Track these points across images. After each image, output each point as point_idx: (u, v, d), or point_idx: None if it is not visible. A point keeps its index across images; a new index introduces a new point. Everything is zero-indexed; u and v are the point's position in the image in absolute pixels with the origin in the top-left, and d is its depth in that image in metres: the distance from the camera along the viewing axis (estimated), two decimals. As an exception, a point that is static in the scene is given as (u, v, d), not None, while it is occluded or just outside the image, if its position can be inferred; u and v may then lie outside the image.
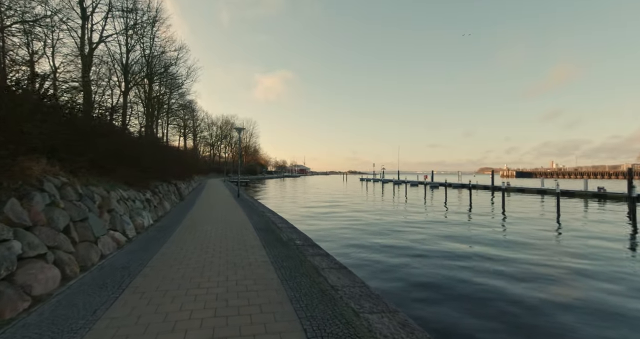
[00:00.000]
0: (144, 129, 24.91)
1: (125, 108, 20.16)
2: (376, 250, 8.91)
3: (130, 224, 6.16)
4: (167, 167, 14.25)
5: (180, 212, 10.30)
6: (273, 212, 11.14)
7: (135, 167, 8.58)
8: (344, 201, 24.62)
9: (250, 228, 7.67)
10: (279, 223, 8.56)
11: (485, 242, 10.05)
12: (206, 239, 6.28)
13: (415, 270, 7.17)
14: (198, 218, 9.09)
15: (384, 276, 6.77)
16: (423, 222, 13.96)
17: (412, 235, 11.12)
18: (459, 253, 8.69)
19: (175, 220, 8.66)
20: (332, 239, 10.25)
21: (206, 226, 7.81)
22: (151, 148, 11.69)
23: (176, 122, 47.62)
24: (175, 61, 23.32)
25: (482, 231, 11.89)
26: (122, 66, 19.57)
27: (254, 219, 9.15)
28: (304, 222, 13.81)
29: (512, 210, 18.31)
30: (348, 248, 9.14)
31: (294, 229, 7.77)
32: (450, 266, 7.50)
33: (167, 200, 10.89)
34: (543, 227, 12.79)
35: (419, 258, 8.11)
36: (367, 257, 8.20)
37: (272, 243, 6.06)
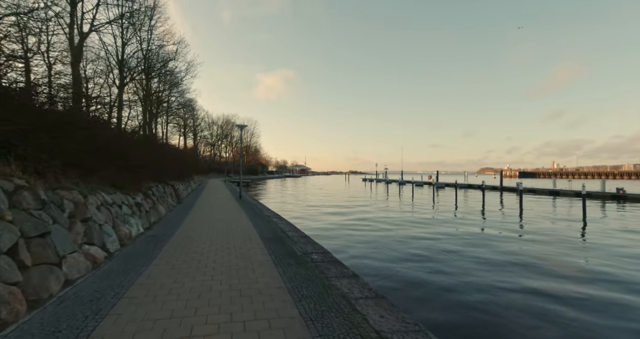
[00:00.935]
0: (141, 127, 23.91)
1: (121, 104, 19.13)
2: (406, 266, 7.59)
3: (112, 236, 5.09)
4: (164, 167, 13.20)
5: (176, 218, 9.23)
6: (280, 217, 10.07)
7: (124, 166, 7.52)
8: (352, 202, 23.54)
9: (256, 238, 6.60)
10: (288, 231, 7.49)
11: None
12: (204, 253, 5.21)
13: (477, 298, 5.57)
14: (196, 224, 8.03)
15: (433, 305, 5.36)
16: (455, 233, 12.82)
17: (444, 244, 9.98)
18: (540, 289, 6.04)
19: (169, 227, 7.59)
20: (351, 251, 9.02)
21: (205, 235, 6.73)
22: (145, 145, 10.62)
23: (176, 122, 46.69)
24: (174, 56, 22.27)
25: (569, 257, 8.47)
26: (118, 61, 18.52)
27: (259, 226, 8.08)
28: (315, 227, 12.70)
29: (542, 216, 16.75)
30: (373, 263, 7.83)
31: (307, 239, 6.69)
32: (528, 304, 5.39)
33: (162, 203, 9.83)
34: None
35: (473, 282, 6.56)
36: (399, 275, 6.87)
37: (284, 259, 4.98)
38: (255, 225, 8.28)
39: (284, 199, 26.83)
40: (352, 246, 9.55)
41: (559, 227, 12.94)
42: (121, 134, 7.75)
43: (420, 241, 10.27)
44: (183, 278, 3.97)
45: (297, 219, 14.51)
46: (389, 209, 19.53)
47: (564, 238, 10.81)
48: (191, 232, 7.01)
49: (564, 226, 13.25)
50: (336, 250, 8.41)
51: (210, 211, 11.02)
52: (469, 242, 10.13)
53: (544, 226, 13.29)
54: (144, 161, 9.15)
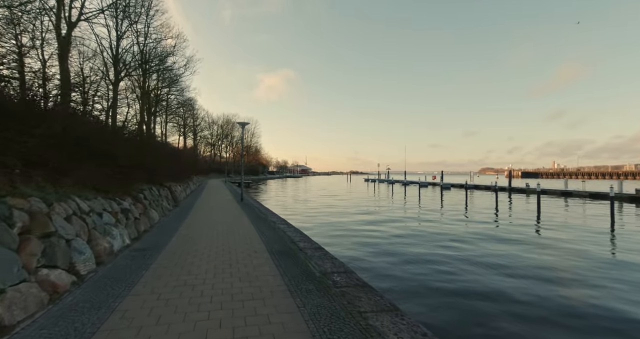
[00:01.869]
0: (138, 126, 22.92)
1: (116, 101, 18.15)
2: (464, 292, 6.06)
3: (85, 253, 4.08)
4: (160, 167, 12.19)
5: (170, 224, 8.21)
6: (287, 223, 9.05)
7: (111, 166, 6.51)
8: (361, 206, 22.53)
9: (263, 250, 5.58)
10: (299, 241, 6.47)
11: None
12: (200, 274, 4.19)
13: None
14: (193, 233, 7.01)
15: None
16: (484, 235, 11.77)
17: (479, 254, 8.93)
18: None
19: (162, 237, 6.57)
20: (376, 266, 7.67)
21: (202, 247, 5.72)
22: (138, 143, 9.59)
23: (175, 121, 45.76)
24: (172, 50, 21.23)
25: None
26: (112, 55, 17.52)
27: (265, 235, 7.06)
28: (327, 235, 11.52)
29: (578, 221, 15.25)
30: (407, 285, 6.41)
31: (322, 252, 5.67)
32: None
33: (155, 208, 8.82)
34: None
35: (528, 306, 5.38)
36: (457, 307, 5.45)
37: (300, 282, 3.97)
38: (260, 233, 7.26)
39: (288, 201, 25.69)
40: (375, 261, 8.22)
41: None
42: (104, 128, 6.71)
43: (465, 261, 8.13)
44: (169, 316, 2.94)
45: (303, 223, 13.50)
46: (403, 212, 18.49)
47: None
48: (186, 243, 5.99)
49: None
50: (361, 268, 7.33)
51: (210, 215, 10.01)
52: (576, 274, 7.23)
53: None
54: (135, 160, 8.14)
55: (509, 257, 8.43)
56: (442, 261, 8.05)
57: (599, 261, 8.18)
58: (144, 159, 9.39)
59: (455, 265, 7.74)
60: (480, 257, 8.41)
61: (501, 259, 8.25)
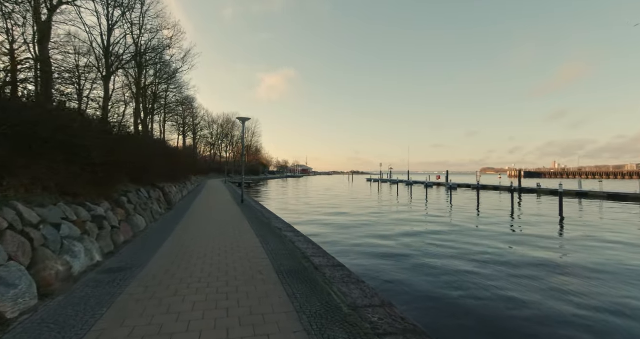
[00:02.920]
0: (134, 124, 21.75)
1: (107, 97, 16.97)
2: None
3: (19, 286, 2.88)
4: (151, 166, 11.01)
5: (158, 233, 7.01)
6: (294, 230, 7.84)
7: (78, 163, 5.32)
8: (371, 208, 21.31)
9: (269, 269, 4.38)
10: (312, 255, 5.27)
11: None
12: (184, 313, 2.98)
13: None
14: (184, 245, 5.81)
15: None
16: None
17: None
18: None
19: (143, 251, 5.36)
20: (419, 291, 5.96)
21: (191, 267, 4.51)
22: (118, 137, 8.37)
23: (175, 120, 44.66)
24: (170, 43, 20.00)
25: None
26: (103, 46, 16.35)
27: (270, 246, 5.86)
28: (342, 243, 9.90)
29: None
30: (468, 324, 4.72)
31: (344, 273, 4.46)
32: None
33: (142, 213, 7.62)
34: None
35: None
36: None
37: (323, 324, 2.76)
38: (265, 243, 6.07)
39: (292, 203, 24.14)
40: (412, 280, 6.46)
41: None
42: (69, 115, 5.49)
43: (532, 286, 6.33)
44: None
45: (313, 229, 12.23)
46: (422, 215, 17.27)
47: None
48: (172, 262, 4.79)
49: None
50: (397, 292, 5.83)
51: (206, 220, 8.82)
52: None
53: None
54: (116, 157, 6.95)
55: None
56: (499, 281, 6.42)
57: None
58: (131, 157, 8.20)
59: (524, 292, 5.85)
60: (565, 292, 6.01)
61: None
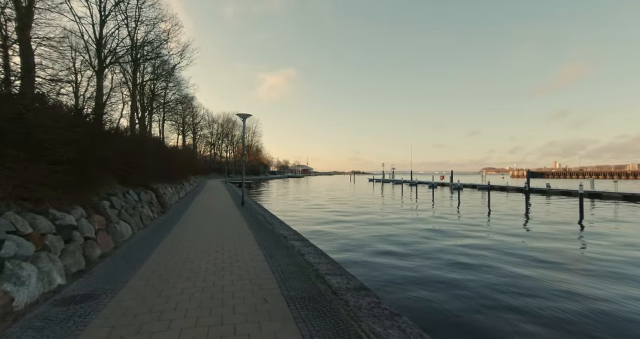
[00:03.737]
0: (130, 123, 20.85)
1: (101, 92, 16.05)
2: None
3: None
4: (144, 165, 10.07)
5: (145, 244, 6.06)
6: (303, 240, 6.88)
7: (44, 161, 4.38)
8: (384, 211, 20.33)
9: (277, 297, 3.43)
10: (327, 273, 4.31)
11: None
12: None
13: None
14: (172, 260, 4.86)
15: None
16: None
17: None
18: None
19: (121, 269, 4.41)
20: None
21: (176, 294, 3.55)
22: (98, 131, 7.39)
23: (174, 119, 43.77)
24: (167, 37, 19.01)
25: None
26: (95, 38, 15.43)
27: (276, 261, 4.91)
28: (361, 253, 8.38)
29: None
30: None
31: (372, 298, 3.50)
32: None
33: (128, 219, 6.67)
34: None
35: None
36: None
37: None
38: (269, 256, 5.12)
39: (296, 205, 22.36)
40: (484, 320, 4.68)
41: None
42: (22, 103, 4.52)
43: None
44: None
45: (321, 236, 11.05)
46: (443, 220, 16.28)
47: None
48: (153, 286, 3.83)
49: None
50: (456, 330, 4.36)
51: (201, 226, 7.88)
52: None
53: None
54: (92, 154, 6.01)
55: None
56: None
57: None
58: (118, 155, 7.26)
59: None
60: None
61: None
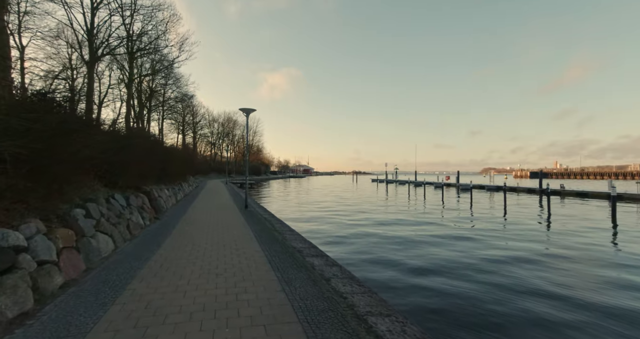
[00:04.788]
0: (125, 120, 19.68)
1: (92, 86, 14.88)
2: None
3: None
4: (135, 165, 8.90)
5: (127, 263, 4.86)
6: (321, 255, 5.67)
7: None
8: (407, 215, 19.11)
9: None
10: (370, 312, 3.13)
11: None
12: None
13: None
14: (157, 290, 3.66)
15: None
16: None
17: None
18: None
19: (83, 308, 3.23)
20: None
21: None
22: (69, 120, 6.17)
23: (174, 118, 42.65)
24: (165, 27, 17.80)
25: None
26: (86, 28, 14.26)
27: (296, 291, 3.71)
28: (394, 274, 6.88)
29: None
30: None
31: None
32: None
33: (110, 230, 5.48)
34: None
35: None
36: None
37: None
38: (287, 284, 3.93)
39: (303, 209, 19.76)
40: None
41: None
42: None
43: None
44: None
45: (342, 247, 9.55)
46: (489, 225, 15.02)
47: None
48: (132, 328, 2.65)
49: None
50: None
51: (199, 237, 6.69)
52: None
53: None
54: (74, 153, 4.82)
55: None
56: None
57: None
58: (98, 153, 6.08)
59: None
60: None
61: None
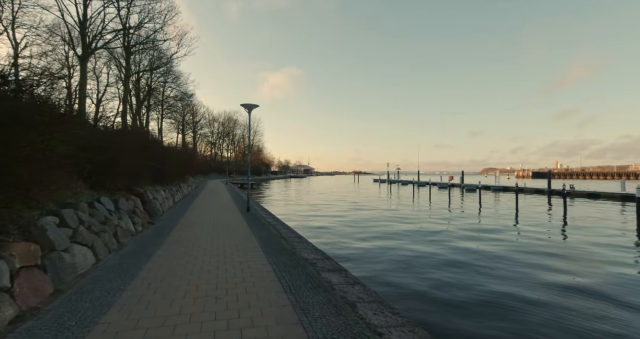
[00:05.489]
0: (121, 117, 18.87)
1: (85, 80, 14.06)
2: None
3: None
4: (127, 165, 8.07)
5: (109, 280, 4.02)
6: (338, 269, 4.82)
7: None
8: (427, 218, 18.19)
9: None
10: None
11: None
12: None
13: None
14: (140, 325, 2.85)
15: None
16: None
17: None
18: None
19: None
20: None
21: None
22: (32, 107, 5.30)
23: (173, 117, 41.86)
24: (162, 21, 16.93)
25: None
26: (78, 20, 13.45)
27: (318, 325, 2.88)
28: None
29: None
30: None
31: None
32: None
33: (91, 240, 4.65)
34: None
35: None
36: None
37: None
38: (304, 313, 3.08)
39: (310, 213, 17.41)
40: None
41: None
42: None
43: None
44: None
45: (362, 258, 8.14)
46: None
47: None
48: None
49: None
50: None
51: (196, 246, 5.86)
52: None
53: None
54: (42, 150, 3.99)
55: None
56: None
57: None
58: (78, 150, 5.25)
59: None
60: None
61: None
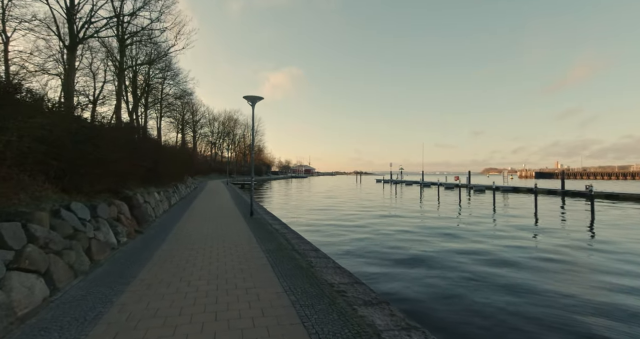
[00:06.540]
0: (115, 115, 17.76)
1: (73, 73, 12.94)
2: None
3: None
4: (112, 164, 6.94)
5: (63, 321, 2.89)
6: (380, 303, 3.68)
7: None
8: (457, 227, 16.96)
9: None
10: None
11: None
12: None
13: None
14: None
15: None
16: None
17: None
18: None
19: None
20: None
21: None
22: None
23: (172, 116, 40.69)
24: (159, 10, 15.70)
25: None
26: (65, 6, 12.33)
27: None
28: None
29: None
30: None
31: None
32: None
33: (44, 265, 3.52)
34: None
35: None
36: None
37: None
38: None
39: (319, 217, 15.43)
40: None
41: None
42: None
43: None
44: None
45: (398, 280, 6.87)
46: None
47: None
48: None
49: None
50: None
51: (191, 265, 4.72)
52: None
53: None
54: None
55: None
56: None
57: None
58: (37, 143, 4.11)
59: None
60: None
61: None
